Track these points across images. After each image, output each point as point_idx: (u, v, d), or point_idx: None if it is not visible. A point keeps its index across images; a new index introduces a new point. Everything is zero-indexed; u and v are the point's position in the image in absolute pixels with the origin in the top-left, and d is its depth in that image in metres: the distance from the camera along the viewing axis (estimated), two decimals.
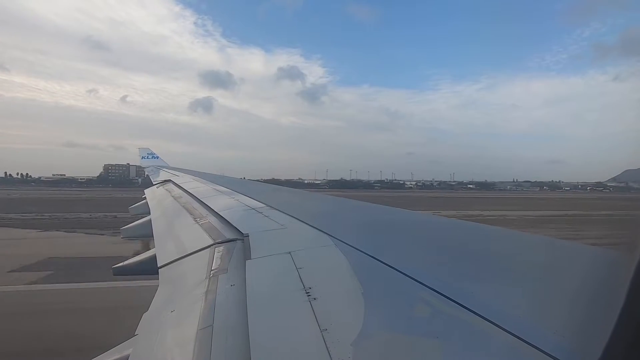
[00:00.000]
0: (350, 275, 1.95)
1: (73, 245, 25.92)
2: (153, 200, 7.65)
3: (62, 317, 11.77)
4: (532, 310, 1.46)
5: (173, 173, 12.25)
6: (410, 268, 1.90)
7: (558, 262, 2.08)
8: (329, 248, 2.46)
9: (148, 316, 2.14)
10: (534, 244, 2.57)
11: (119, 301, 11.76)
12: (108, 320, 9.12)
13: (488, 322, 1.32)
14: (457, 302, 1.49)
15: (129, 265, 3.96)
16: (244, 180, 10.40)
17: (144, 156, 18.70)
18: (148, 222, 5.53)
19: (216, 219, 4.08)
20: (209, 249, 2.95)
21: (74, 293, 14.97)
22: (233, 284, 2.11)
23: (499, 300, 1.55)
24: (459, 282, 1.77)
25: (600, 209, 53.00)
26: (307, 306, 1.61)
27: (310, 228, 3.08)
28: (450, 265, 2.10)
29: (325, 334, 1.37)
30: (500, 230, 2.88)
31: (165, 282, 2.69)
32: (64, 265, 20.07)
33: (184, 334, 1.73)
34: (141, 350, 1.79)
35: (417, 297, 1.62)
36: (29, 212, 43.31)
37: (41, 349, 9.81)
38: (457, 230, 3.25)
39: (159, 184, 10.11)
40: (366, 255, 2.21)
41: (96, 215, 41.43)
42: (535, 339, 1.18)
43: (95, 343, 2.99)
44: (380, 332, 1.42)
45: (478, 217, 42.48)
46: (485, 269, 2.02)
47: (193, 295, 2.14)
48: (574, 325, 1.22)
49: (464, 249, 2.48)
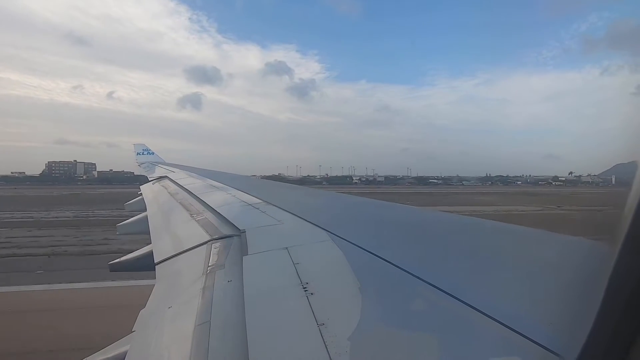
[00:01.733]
0: (347, 270, 1.96)
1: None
2: (149, 196, 7.61)
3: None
4: (524, 302, 1.49)
5: (169, 169, 12.19)
6: (407, 263, 1.91)
7: (551, 256, 2.11)
8: (325, 243, 2.47)
9: (145, 313, 2.14)
10: (529, 238, 2.59)
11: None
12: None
13: (483, 314, 1.34)
14: (453, 296, 1.50)
15: (125, 261, 3.95)
16: (239, 175, 10.39)
17: (139, 152, 18.55)
18: (144, 219, 5.50)
19: (213, 215, 4.07)
20: (205, 245, 2.95)
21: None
22: (230, 279, 2.11)
23: (492, 294, 1.58)
24: (456, 276, 1.79)
25: (523, 203, 53.62)
26: (304, 301, 1.62)
27: (307, 224, 3.08)
28: (447, 260, 2.12)
29: (323, 328, 1.38)
30: (498, 225, 2.90)
31: (162, 279, 2.69)
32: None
33: (181, 330, 1.73)
34: (139, 347, 1.79)
35: (414, 292, 1.64)
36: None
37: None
38: (454, 225, 3.27)
39: (154, 180, 10.05)
40: (363, 250, 2.22)
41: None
42: (526, 330, 1.21)
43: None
44: (377, 327, 1.43)
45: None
46: (482, 264, 2.04)
47: (190, 292, 2.14)
48: (561, 315, 1.26)
49: (460, 244, 2.49)
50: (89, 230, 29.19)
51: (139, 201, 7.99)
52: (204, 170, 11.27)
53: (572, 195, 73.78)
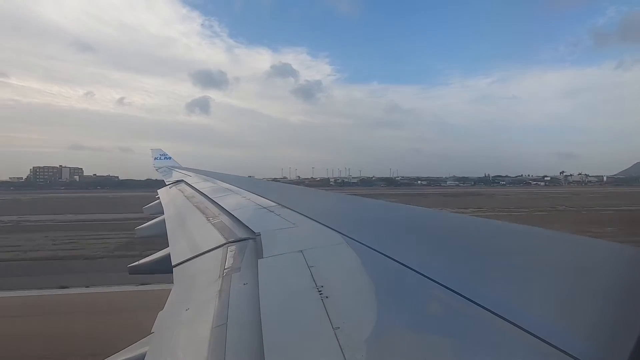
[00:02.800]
0: (362, 273, 1.95)
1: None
2: (166, 200, 7.77)
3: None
4: (551, 310, 1.41)
5: (185, 173, 12.41)
6: (423, 266, 1.88)
7: (584, 261, 2.00)
8: (340, 246, 2.46)
9: (164, 314, 2.19)
10: (555, 241, 2.49)
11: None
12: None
13: (505, 320, 1.30)
14: (472, 301, 1.46)
15: (144, 264, 4.04)
16: (254, 179, 10.50)
17: (157, 157, 19.00)
18: (162, 222, 5.61)
19: (228, 218, 4.12)
20: (221, 248, 2.99)
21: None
22: (246, 282, 2.13)
23: (516, 299, 1.52)
24: (474, 280, 1.74)
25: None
26: (319, 304, 1.62)
27: (321, 226, 3.08)
28: (465, 263, 2.07)
29: (338, 332, 1.37)
30: (520, 227, 2.81)
31: (180, 281, 2.74)
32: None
33: (198, 332, 1.76)
34: (158, 348, 1.83)
35: (430, 296, 1.61)
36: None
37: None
38: (473, 227, 3.20)
39: (171, 184, 10.25)
40: (378, 253, 2.20)
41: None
42: (558, 340, 1.14)
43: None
44: (393, 331, 1.42)
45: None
46: (503, 268, 1.97)
47: (207, 294, 2.17)
48: (598, 326, 1.19)
49: (480, 247, 2.44)
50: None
51: (156, 205, 8.16)
52: (218, 173, 11.43)
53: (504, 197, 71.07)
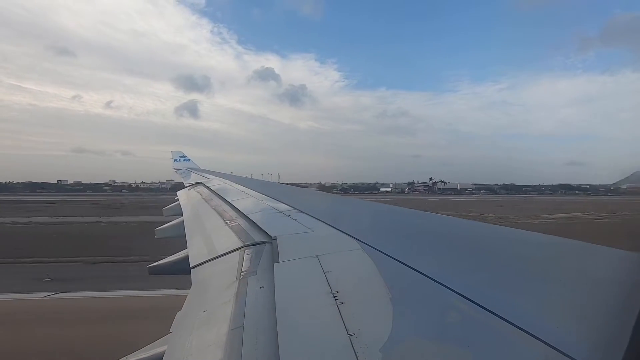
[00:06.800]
0: (378, 279, 1.94)
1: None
2: (185, 202, 7.94)
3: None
4: (564, 317, 1.41)
5: (204, 176, 12.65)
6: (440, 274, 1.87)
7: (585, 265, 2.03)
8: (356, 252, 2.46)
9: (181, 315, 2.23)
10: (569, 249, 2.44)
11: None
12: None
13: (519, 329, 1.29)
14: (487, 309, 1.45)
15: (163, 264, 4.13)
16: (269, 182, 10.63)
17: (176, 159, 19.48)
18: (181, 224, 5.74)
19: (245, 222, 4.18)
20: (238, 251, 3.03)
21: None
22: (262, 286, 2.16)
23: (530, 307, 1.51)
24: (491, 288, 1.72)
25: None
26: (334, 310, 1.63)
27: (337, 232, 3.09)
28: (481, 271, 2.04)
29: (353, 338, 1.38)
30: (537, 235, 2.75)
31: (198, 283, 2.79)
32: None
33: (215, 334, 1.79)
34: (175, 348, 1.87)
35: (447, 304, 1.60)
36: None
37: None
38: (490, 235, 3.14)
39: (190, 186, 10.47)
40: (394, 260, 2.19)
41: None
42: (562, 344, 1.15)
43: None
44: (409, 339, 1.41)
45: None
46: (521, 275, 1.95)
47: (224, 296, 2.20)
48: (595, 328, 1.19)
49: (498, 255, 2.40)
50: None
51: (175, 206, 8.35)
52: (235, 176, 11.61)
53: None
